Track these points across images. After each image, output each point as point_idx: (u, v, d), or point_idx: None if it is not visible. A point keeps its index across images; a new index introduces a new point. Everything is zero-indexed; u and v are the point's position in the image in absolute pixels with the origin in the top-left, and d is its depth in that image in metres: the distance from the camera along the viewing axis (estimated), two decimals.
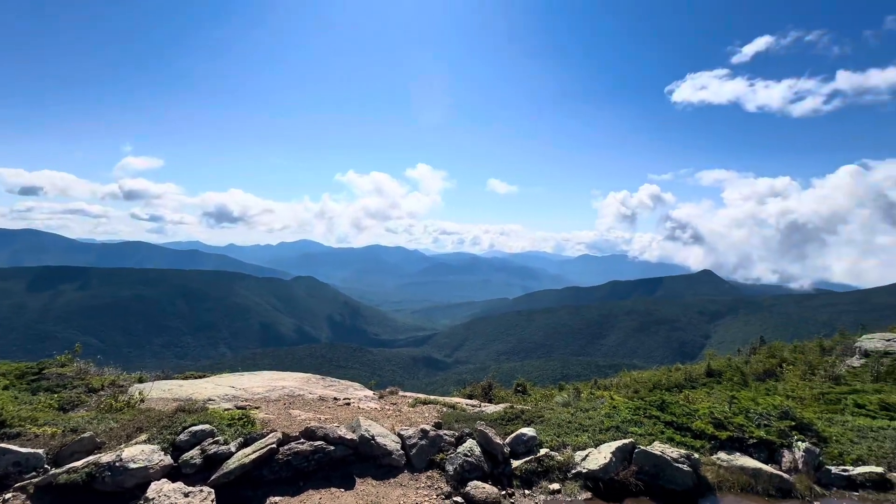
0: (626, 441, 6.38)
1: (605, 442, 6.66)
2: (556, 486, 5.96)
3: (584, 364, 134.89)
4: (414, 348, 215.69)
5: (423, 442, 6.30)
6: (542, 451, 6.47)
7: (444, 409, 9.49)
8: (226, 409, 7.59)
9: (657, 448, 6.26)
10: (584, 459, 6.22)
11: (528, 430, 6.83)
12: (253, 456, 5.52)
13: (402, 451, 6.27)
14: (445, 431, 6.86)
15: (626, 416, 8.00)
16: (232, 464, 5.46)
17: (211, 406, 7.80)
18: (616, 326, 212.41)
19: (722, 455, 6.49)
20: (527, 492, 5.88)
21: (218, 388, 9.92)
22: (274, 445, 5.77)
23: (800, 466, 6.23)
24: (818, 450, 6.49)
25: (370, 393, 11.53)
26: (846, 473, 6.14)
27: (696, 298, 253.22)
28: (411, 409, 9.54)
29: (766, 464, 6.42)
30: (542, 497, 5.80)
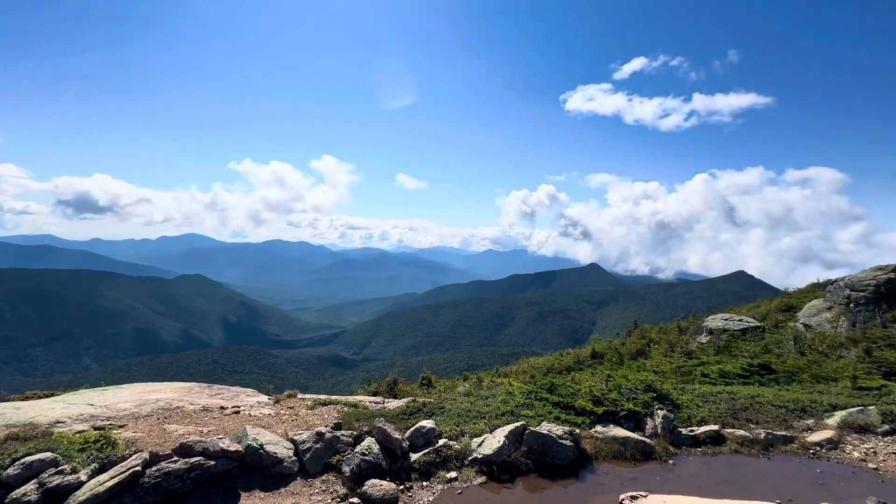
0: (517, 424, 6.79)
1: (500, 427, 7.01)
2: (453, 474, 6.11)
3: (489, 353, 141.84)
4: (320, 348, 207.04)
5: (318, 445, 6.01)
6: (441, 442, 6.60)
7: (346, 409, 9.21)
8: (78, 432, 6.45)
9: (545, 428, 6.76)
10: (479, 445, 6.48)
11: (428, 423, 6.91)
12: (109, 483, 4.75)
13: (294, 458, 5.92)
14: (343, 432, 6.64)
15: (520, 400, 8.53)
16: (82, 495, 4.65)
17: (59, 430, 6.57)
18: (517, 317, 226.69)
19: (598, 428, 7.24)
20: (425, 483, 5.94)
21: (71, 408, 8.40)
22: (138, 468, 5.03)
23: (658, 431, 7.21)
24: (672, 416, 7.57)
25: (265, 398, 10.73)
26: (692, 433, 7.26)
27: (585, 289, 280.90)
28: (310, 411, 9.08)
29: (634, 432, 7.31)
30: (440, 486, 5.91)
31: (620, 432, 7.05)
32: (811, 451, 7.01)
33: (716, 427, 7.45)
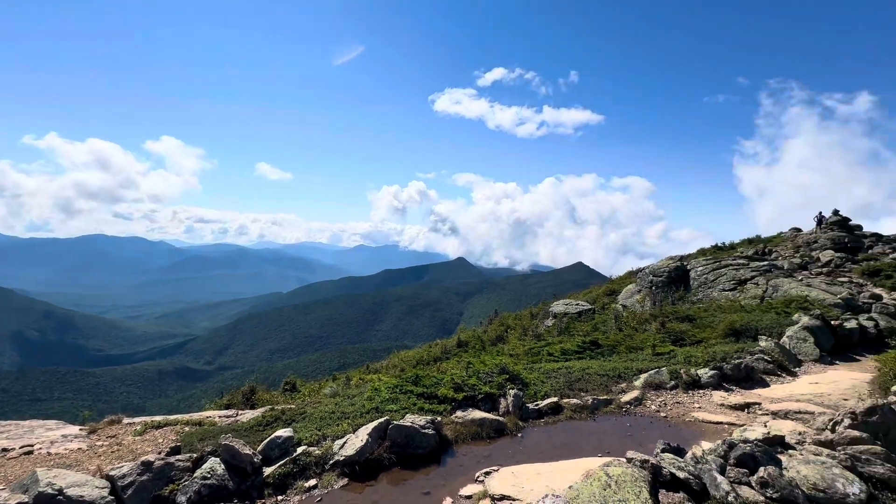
0: (381, 420, 6.76)
1: (364, 425, 6.90)
2: (312, 482, 5.80)
3: (362, 351, 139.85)
4: (161, 360, 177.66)
5: (143, 478, 5.09)
6: (300, 450, 6.20)
7: (188, 429, 8.02)
8: None
9: (408, 419, 6.88)
10: (342, 447, 6.28)
11: (285, 432, 6.43)
12: None
13: (111, 498, 4.90)
14: (181, 456, 5.76)
15: (386, 395, 8.54)
16: None
17: None
18: (389, 312, 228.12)
19: (459, 413, 7.66)
20: (280, 497, 5.51)
21: None
22: None
23: (510, 409, 7.95)
24: (522, 393, 8.43)
25: (75, 430, 8.72)
26: (537, 407, 8.19)
27: (454, 282, 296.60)
28: (138, 438, 7.69)
29: (490, 412, 7.93)
30: (297, 498, 5.54)
31: (478, 414, 7.57)
32: (623, 409, 8.52)
33: (555, 399, 8.52)
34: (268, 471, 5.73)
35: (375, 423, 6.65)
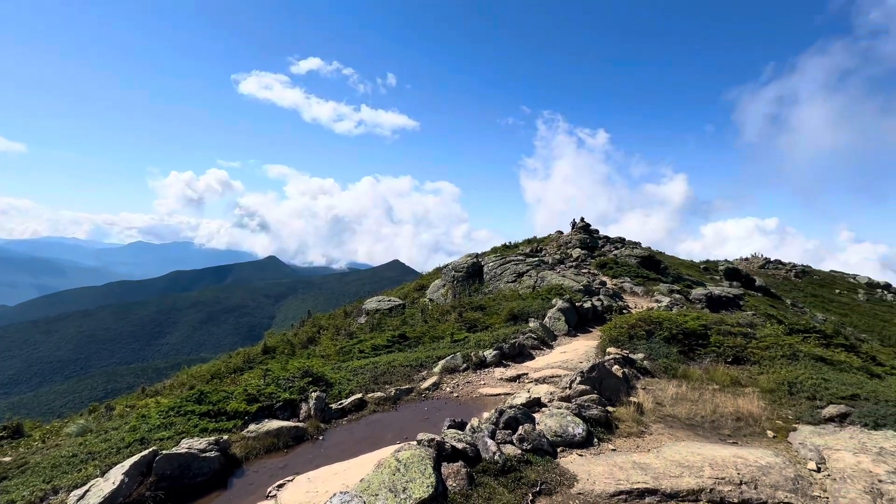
0: (144, 453, 5.57)
1: (119, 463, 5.57)
2: None
3: (139, 371, 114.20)
4: None
5: None
6: None
7: None
8: None
9: (184, 446, 5.87)
10: (80, 499, 4.91)
11: None
12: None
13: None
14: None
15: (157, 421, 7.12)
16: None
17: None
18: (181, 321, 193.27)
19: (252, 427, 6.95)
20: None
21: None
22: None
23: (312, 413, 7.63)
24: (325, 395, 8.19)
25: None
26: (341, 406, 8.10)
27: (263, 283, 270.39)
28: None
29: (289, 420, 7.44)
30: None
31: (274, 424, 7.01)
32: (423, 395, 9.18)
33: (360, 395, 8.58)
34: None
35: (136, 458, 5.44)
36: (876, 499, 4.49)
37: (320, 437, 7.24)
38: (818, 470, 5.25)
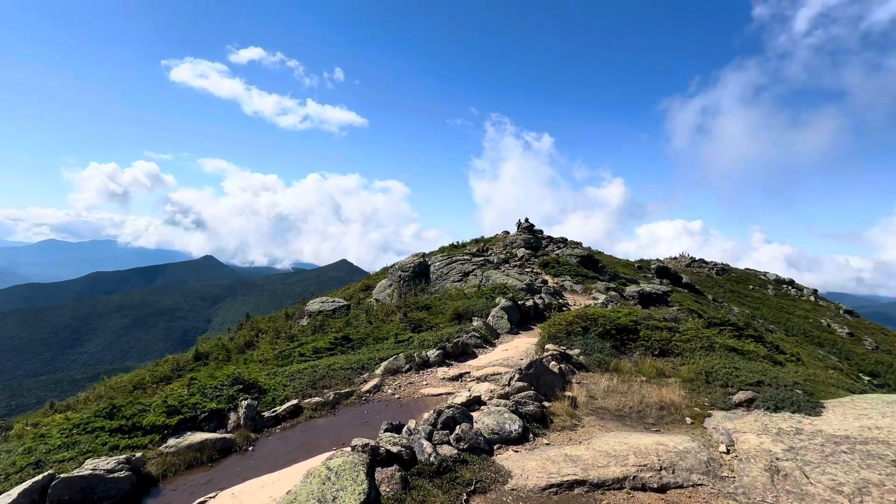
0: (38, 478, 4.95)
1: (6, 491, 4.90)
2: None
3: (51, 384, 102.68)
4: None
5: None
6: None
7: None
8: None
9: (88, 467, 5.28)
10: None
11: None
12: None
13: None
14: None
15: (58, 441, 6.37)
16: None
17: None
18: (102, 326, 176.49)
19: (171, 441, 6.41)
20: None
21: None
22: None
23: (241, 422, 7.18)
24: (257, 402, 7.75)
25: None
26: (274, 413, 7.69)
27: (198, 284, 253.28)
28: None
29: (216, 431, 6.95)
30: None
31: (198, 437, 6.51)
32: (363, 398, 8.96)
33: (296, 401, 8.22)
34: None
35: (26, 484, 4.81)
36: (773, 475, 4.95)
37: (250, 448, 6.82)
38: (728, 452, 5.70)
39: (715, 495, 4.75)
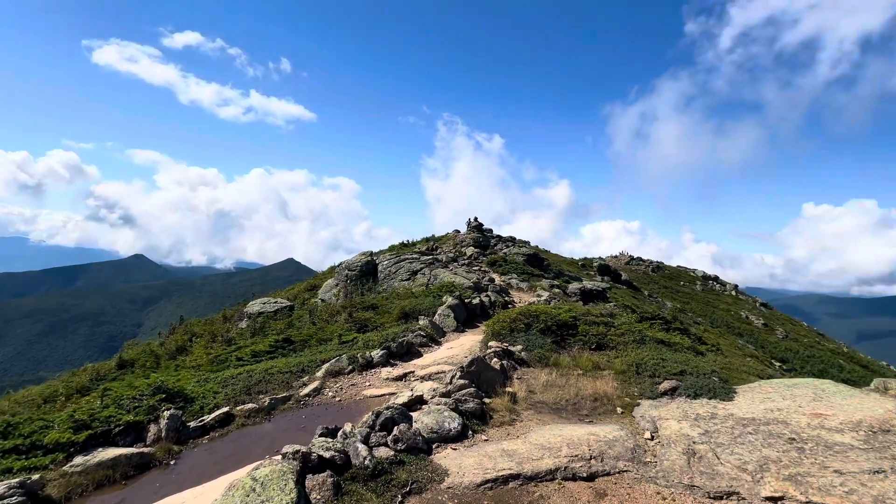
0: None
1: None
2: None
3: None
4: None
5: None
6: None
7: None
8: None
9: None
10: None
11: None
12: None
13: None
14: None
15: None
16: None
17: None
18: (11, 333, 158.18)
19: (78, 459, 5.80)
20: None
21: None
22: None
23: (164, 434, 6.65)
24: (181, 412, 7.22)
25: None
26: (202, 423, 7.20)
27: (127, 286, 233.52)
28: None
29: (133, 445, 6.39)
30: None
31: (110, 453, 5.95)
32: (302, 402, 8.62)
33: (227, 408, 7.75)
34: None
35: None
36: (690, 458, 5.31)
37: (172, 462, 6.33)
38: (652, 438, 6.05)
39: (638, 480, 5.02)
